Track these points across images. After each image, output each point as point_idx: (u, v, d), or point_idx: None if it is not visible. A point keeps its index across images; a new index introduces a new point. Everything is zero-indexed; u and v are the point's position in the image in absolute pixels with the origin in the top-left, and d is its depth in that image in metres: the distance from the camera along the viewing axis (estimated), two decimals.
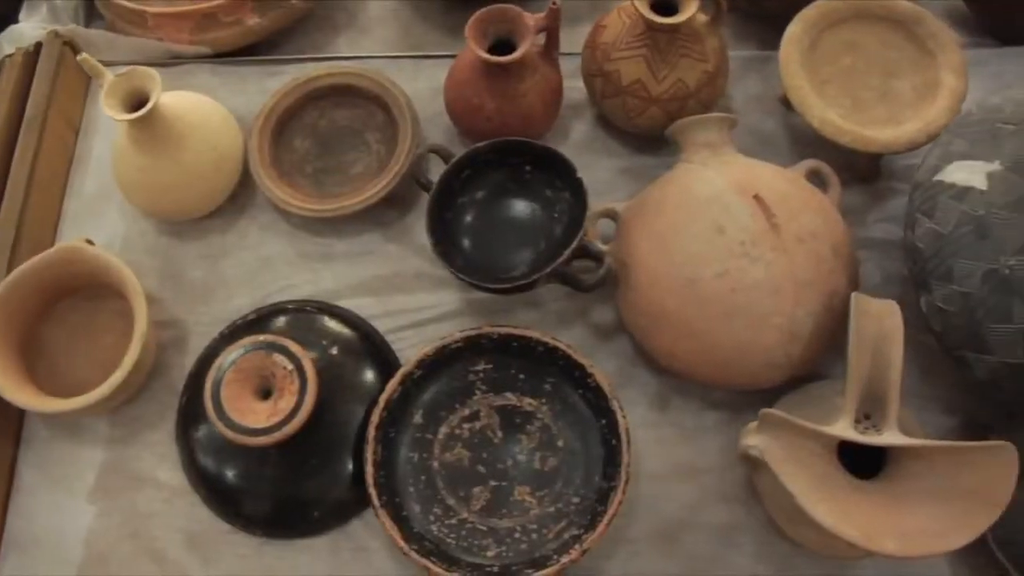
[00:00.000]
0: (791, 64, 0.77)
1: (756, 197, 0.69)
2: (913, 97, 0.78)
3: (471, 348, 0.72)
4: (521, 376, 0.73)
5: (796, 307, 0.68)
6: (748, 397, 0.73)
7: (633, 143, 0.83)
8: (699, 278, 0.68)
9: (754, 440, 0.65)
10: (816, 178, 0.77)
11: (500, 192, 0.76)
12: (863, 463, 0.66)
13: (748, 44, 0.88)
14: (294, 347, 0.68)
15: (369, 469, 0.69)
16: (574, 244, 0.69)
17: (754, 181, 0.71)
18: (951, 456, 0.66)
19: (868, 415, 0.68)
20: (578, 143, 0.83)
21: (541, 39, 0.76)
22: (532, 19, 0.72)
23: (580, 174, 0.72)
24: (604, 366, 0.75)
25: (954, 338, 0.67)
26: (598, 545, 0.67)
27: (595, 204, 0.75)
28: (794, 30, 0.78)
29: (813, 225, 0.70)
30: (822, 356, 0.71)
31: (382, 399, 0.70)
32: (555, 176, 0.74)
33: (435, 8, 0.91)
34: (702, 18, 0.76)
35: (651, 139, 0.80)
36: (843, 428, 0.66)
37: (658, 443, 0.73)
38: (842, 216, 0.80)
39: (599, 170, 0.82)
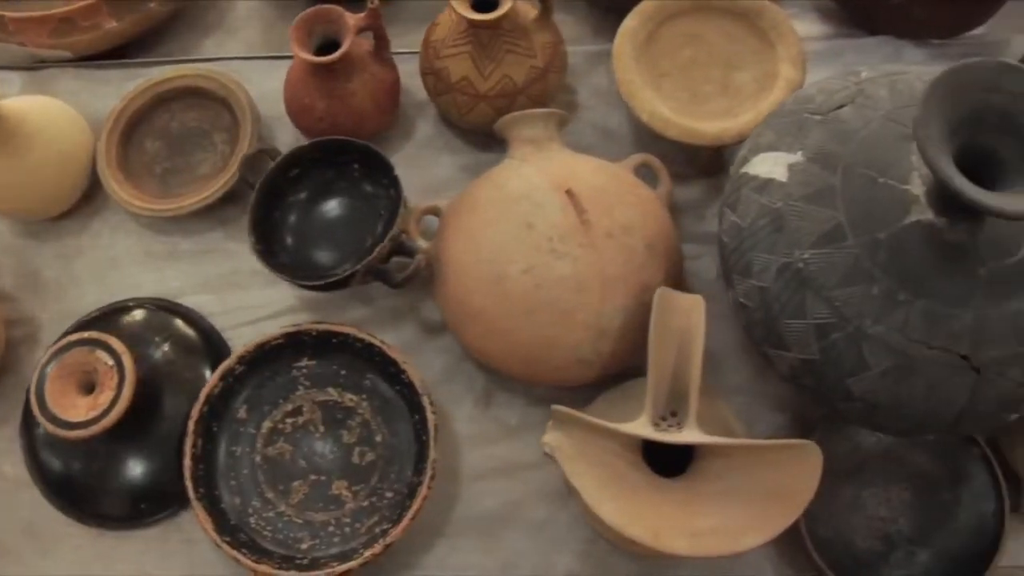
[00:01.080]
0: (623, 58, 0.77)
1: (568, 192, 0.69)
2: (754, 89, 0.78)
3: (293, 344, 0.73)
4: (343, 372, 0.74)
5: (603, 303, 0.68)
6: (573, 393, 0.72)
7: (474, 140, 0.84)
8: (505, 275, 0.68)
9: (547, 438, 0.66)
10: (648, 171, 0.77)
11: (327, 191, 0.77)
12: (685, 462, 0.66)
13: (605, 38, 0.88)
14: (115, 343, 0.70)
15: (187, 463, 0.70)
16: (384, 242, 0.70)
17: (571, 177, 0.71)
18: (751, 455, 0.66)
19: (675, 412, 0.68)
20: (421, 140, 0.84)
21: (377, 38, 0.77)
22: (353, 19, 0.73)
23: (398, 171, 0.72)
24: (432, 363, 0.76)
25: (756, 334, 0.66)
26: (416, 539, 0.68)
27: (426, 201, 0.76)
28: (629, 24, 0.78)
29: (626, 219, 0.70)
30: (638, 351, 0.71)
31: (202, 394, 0.72)
32: (381, 174, 0.75)
33: (296, 8, 0.92)
34: (530, 14, 0.76)
35: (492, 136, 0.80)
36: (640, 425, 0.66)
37: (482, 439, 0.74)
38: (680, 210, 0.79)
39: (440, 167, 0.82)
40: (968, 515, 0.72)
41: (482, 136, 0.83)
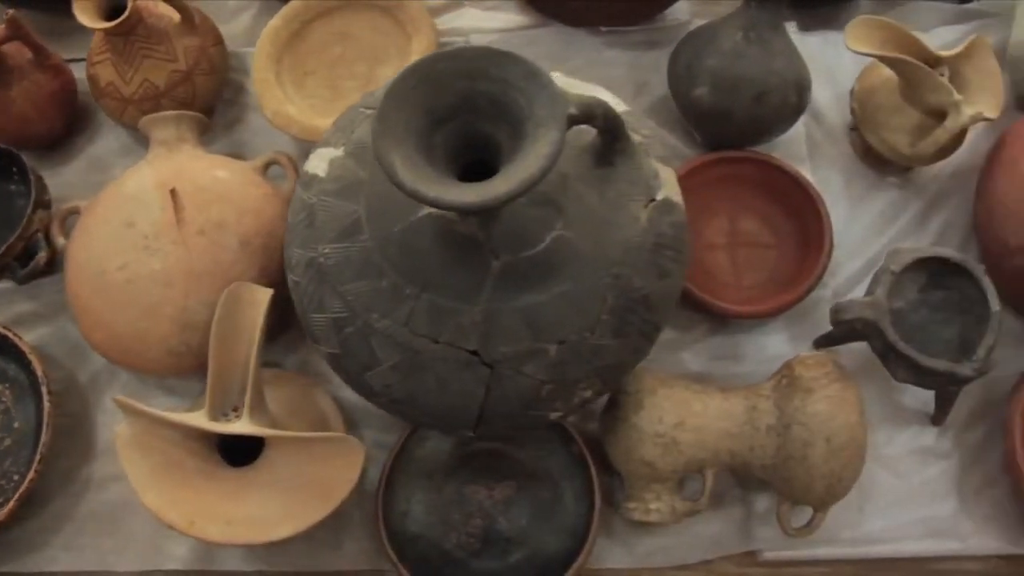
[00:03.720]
0: (262, 57, 0.80)
1: (172, 192, 0.73)
2: None
3: None
4: None
5: (187, 298, 0.72)
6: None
7: None
8: (105, 270, 0.73)
9: (119, 428, 0.70)
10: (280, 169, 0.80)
11: None
12: None
13: None
14: None
15: None
16: (12, 240, 0.76)
17: (181, 176, 0.75)
18: (295, 447, 0.68)
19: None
20: (103, 143, 0.89)
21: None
22: None
23: (32, 173, 0.78)
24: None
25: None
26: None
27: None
28: (273, 23, 0.81)
29: (222, 217, 0.73)
30: None
31: None
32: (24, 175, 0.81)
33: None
34: (173, 19, 0.80)
35: None
36: (196, 416, 0.69)
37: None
38: None
39: (120, 169, 0.86)
40: (566, 515, 0.72)
41: None
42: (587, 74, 0.84)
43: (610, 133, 0.63)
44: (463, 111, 0.58)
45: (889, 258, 0.70)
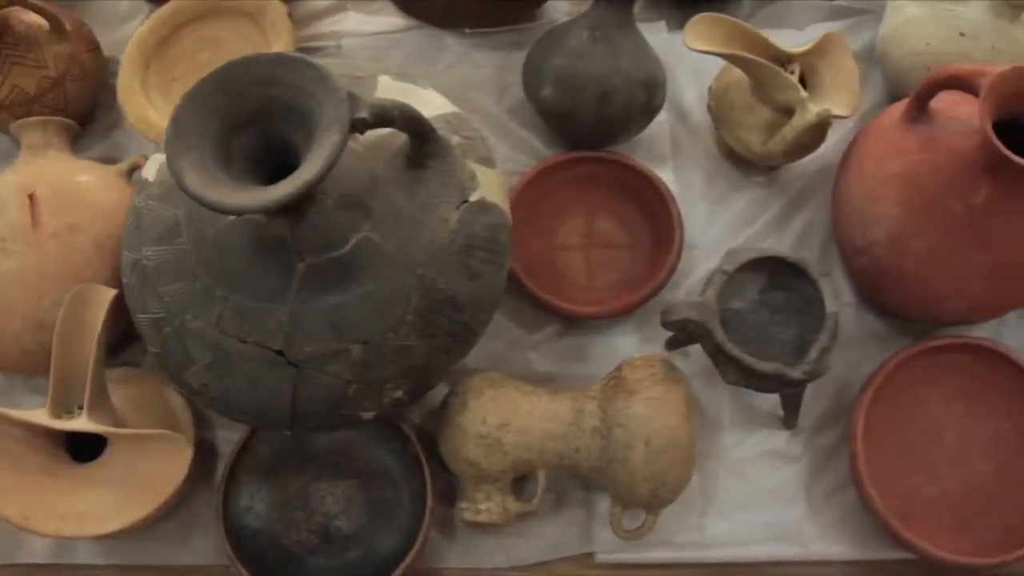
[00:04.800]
0: (128, 63, 0.83)
1: (31, 196, 0.76)
2: None
3: None
4: None
5: (41, 298, 0.75)
6: None
7: None
8: None
9: None
10: None
11: None
12: None
13: None
14: None
15: None
16: None
17: (41, 180, 0.78)
18: (131, 444, 0.71)
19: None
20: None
21: None
22: None
23: None
24: None
25: None
26: None
27: None
28: (140, 30, 0.84)
29: (77, 220, 0.76)
30: None
31: None
32: None
33: None
34: (42, 27, 0.83)
35: None
36: (37, 414, 0.72)
37: None
38: None
39: None
40: (404, 514, 0.73)
41: None
42: (453, 76, 0.87)
43: (417, 136, 0.64)
44: (262, 117, 0.60)
45: (725, 258, 0.70)
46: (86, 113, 0.87)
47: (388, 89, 0.69)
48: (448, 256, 0.63)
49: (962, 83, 0.67)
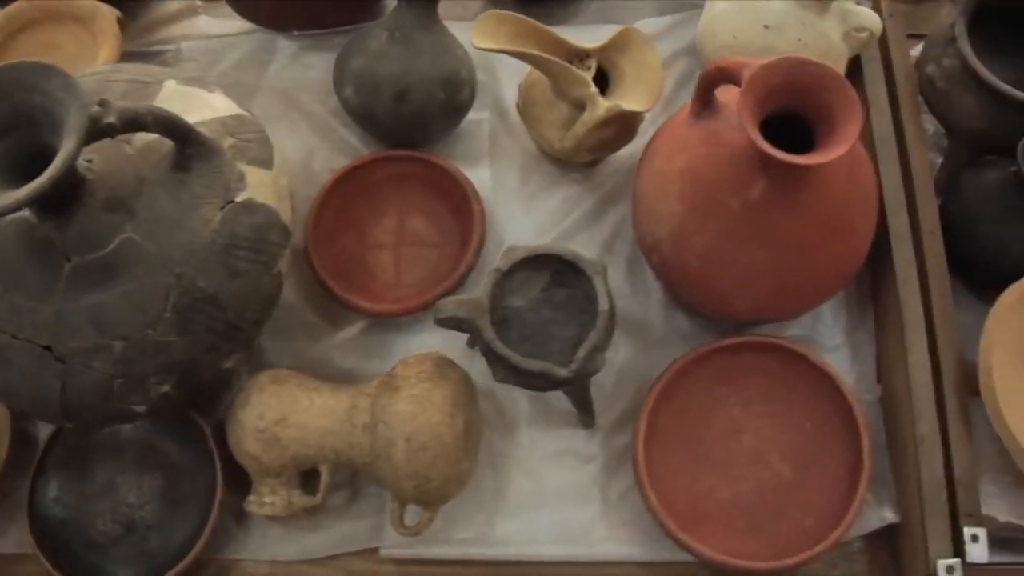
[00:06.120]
0: None
1: None
2: None
3: None
4: None
5: None
6: None
7: None
8: None
9: None
10: None
11: None
12: None
13: None
14: None
15: None
16: None
17: None
18: None
19: None
20: None
21: None
22: None
23: None
24: None
25: None
26: None
27: None
28: None
29: None
30: None
31: None
32: None
33: None
34: None
35: None
36: None
37: None
38: None
39: None
40: (203, 506, 0.76)
41: None
42: (285, 77, 0.90)
43: (177, 139, 0.67)
44: (23, 122, 0.63)
45: (501, 256, 0.71)
46: None
47: (172, 94, 0.72)
48: (209, 256, 0.66)
49: (729, 76, 0.67)
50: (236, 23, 0.93)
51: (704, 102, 0.71)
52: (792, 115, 0.67)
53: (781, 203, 0.67)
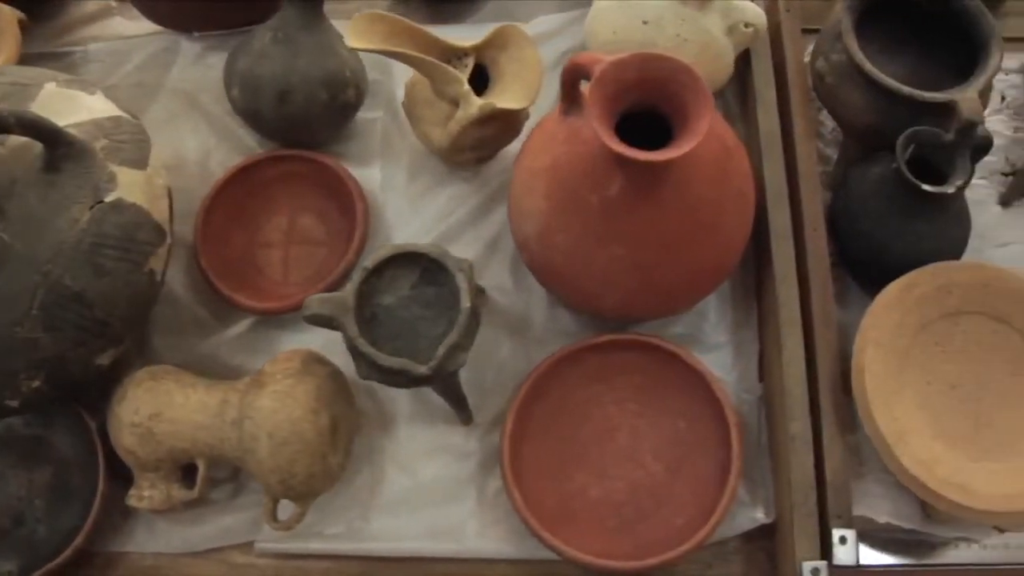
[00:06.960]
0: None
1: None
2: None
3: None
4: None
5: None
6: None
7: None
8: None
9: None
10: None
11: None
12: None
13: None
14: None
15: None
16: None
17: None
18: None
19: None
20: None
21: None
22: None
23: None
24: None
25: None
26: None
27: None
28: None
29: None
30: None
31: None
32: None
33: None
34: None
35: None
36: None
37: None
38: None
39: None
40: (86, 500, 0.77)
41: None
42: (186, 78, 0.92)
43: (44, 140, 0.69)
44: None
45: (371, 254, 0.73)
46: None
47: (51, 96, 0.74)
48: (76, 255, 0.68)
49: (586, 73, 0.67)
50: (147, 24, 0.95)
51: (570, 99, 0.71)
52: (656, 111, 0.67)
53: (640, 200, 0.67)
